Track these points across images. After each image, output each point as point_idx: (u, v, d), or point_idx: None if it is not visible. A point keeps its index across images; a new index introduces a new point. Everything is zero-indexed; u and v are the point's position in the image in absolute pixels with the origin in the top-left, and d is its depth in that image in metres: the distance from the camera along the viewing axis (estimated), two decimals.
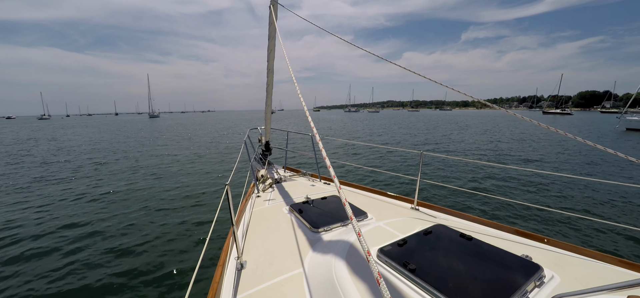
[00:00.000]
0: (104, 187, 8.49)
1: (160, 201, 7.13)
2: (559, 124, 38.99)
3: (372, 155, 13.57)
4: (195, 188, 8.22)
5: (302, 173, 4.78)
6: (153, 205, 6.80)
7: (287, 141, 5.21)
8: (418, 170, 3.19)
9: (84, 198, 7.37)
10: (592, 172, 10.02)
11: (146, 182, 8.98)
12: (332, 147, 16.38)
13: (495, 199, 6.51)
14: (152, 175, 10.02)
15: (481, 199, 6.76)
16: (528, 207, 6.09)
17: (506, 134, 23.78)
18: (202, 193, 7.68)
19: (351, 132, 27.61)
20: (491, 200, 6.62)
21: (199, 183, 8.77)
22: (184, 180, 9.19)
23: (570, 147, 15.58)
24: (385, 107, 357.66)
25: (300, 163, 11.64)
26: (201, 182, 8.92)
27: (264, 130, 5.13)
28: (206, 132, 30.07)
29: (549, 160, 12.26)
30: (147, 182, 8.97)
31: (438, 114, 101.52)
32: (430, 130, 28.85)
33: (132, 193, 7.77)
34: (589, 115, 78.83)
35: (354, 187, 3.91)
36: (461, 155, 13.95)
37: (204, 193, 7.68)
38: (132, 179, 9.41)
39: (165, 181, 9.07)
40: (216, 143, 19.72)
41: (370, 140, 21.26)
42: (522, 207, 6.17)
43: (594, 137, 21.53)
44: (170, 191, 7.98)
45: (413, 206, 3.13)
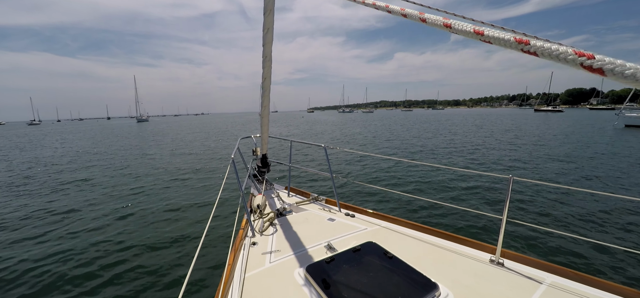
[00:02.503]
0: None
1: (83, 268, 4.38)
2: (552, 122, 38.93)
3: (407, 173, 9.49)
4: (161, 237, 5.33)
5: (314, 197, 3.57)
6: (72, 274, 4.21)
7: (291, 154, 3.91)
8: (504, 203, 2.05)
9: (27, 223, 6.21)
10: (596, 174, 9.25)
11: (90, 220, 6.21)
12: (348, 159, 12.28)
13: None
14: (100, 210, 6.87)
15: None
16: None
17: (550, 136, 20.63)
18: (170, 243, 5.10)
19: (352, 135, 26.57)
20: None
21: (171, 227, 5.78)
22: (148, 225, 5.95)
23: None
24: (378, 107, 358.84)
25: (305, 181, 8.80)
26: (174, 226, 5.84)
27: (259, 139, 3.85)
28: (195, 137, 26.67)
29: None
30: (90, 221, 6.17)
31: (434, 113, 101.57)
32: (447, 134, 25.86)
33: (65, 241, 5.29)
34: (579, 112, 79.81)
35: (393, 221, 2.83)
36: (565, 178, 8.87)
37: (172, 245, 5.02)
38: (65, 223, 6.16)
39: (111, 230, 5.72)
40: (203, 155, 15.42)
41: (378, 143, 18.27)
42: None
43: (595, 134, 21.11)
44: (117, 244, 5.09)
45: (494, 258, 2.10)
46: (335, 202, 3.29)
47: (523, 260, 2.09)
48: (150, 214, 6.53)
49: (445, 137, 21.39)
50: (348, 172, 10.02)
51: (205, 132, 34.07)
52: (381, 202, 6.78)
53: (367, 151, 14.58)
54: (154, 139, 26.01)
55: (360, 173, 9.81)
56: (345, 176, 9.10)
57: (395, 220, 2.82)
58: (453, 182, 8.31)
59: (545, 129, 27.36)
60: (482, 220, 5.49)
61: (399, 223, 2.78)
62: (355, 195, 7.33)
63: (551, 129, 27.68)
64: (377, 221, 2.85)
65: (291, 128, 36.20)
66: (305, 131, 29.89)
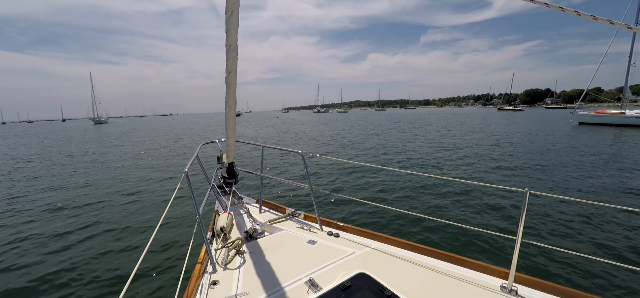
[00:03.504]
0: None
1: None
2: (514, 119, 41.73)
3: (398, 181, 8.20)
4: (82, 272, 4.07)
5: (290, 213, 3.00)
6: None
7: (262, 162, 3.33)
8: (519, 221, 1.70)
9: None
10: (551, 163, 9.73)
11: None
12: (329, 166, 10.42)
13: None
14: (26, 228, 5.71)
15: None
16: None
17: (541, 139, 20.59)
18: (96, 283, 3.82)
19: (331, 138, 26.26)
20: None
21: (99, 264, 4.32)
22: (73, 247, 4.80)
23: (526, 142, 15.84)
24: (353, 106, 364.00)
25: (281, 192, 7.44)
26: (102, 262, 4.38)
27: (225, 145, 3.16)
28: (157, 140, 23.65)
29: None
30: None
31: (407, 113, 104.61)
32: (435, 134, 27.14)
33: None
34: (536, 111, 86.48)
35: (386, 241, 2.40)
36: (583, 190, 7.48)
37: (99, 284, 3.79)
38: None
39: (31, 255, 4.62)
40: (163, 161, 13.17)
41: (361, 146, 16.73)
42: None
43: (551, 132, 22.67)
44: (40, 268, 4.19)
45: (506, 284, 1.80)
46: (315, 217, 2.81)
47: (540, 286, 1.78)
48: (66, 239, 5.15)
49: (429, 137, 21.75)
50: (330, 182, 8.63)
51: (173, 134, 31.98)
52: (369, 216, 5.84)
53: (351, 157, 13.31)
54: (107, 143, 23.43)
55: (344, 183, 8.38)
56: (326, 187, 8.11)
57: (389, 240, 2.40)
58: (453, 194, 7.09)
59: (511, 128, 28.94)
60: (490, 237, 4.67)
61: (393, 244, 2.36)
62: (339, 207, 6.29)
63: (515, 127, 29.40)
64: (366, 241, 2.42)
65: (267, 129, 35.09)
66: (281, 133, 28.98)
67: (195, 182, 8.44)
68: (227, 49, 2.31)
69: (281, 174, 9.96)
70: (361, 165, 9.32)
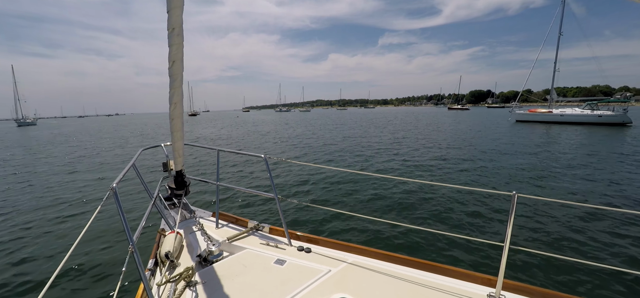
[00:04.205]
0: None
1: None
2: (463, 117, 45.71)
3: (373, 186, 7.55)
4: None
5: (254, 227, 2.64)
6: None
7: (218, 169, 2.82)
8: (506, 226, 1.64)
9: None
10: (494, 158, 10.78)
11: None
12: (297, 170, 9.48)
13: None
14: None
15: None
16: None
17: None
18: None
19: (297, 138, 25.77)
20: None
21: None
22: None
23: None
24: (315, 106, 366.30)
25: (242, 202, 6.54)
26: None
27: (171, 149, 2.65)
28: (93, 145, 19.44)
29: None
30: None
31: (367, 111, 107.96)
32: (401, 131, 28.29)
33: None
34: (480, 110, 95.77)
35: (364, 253, 2.19)
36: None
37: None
38: None
39: None
40: (97, 168, 10.94)
41: (328, 147, 15.85)
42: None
43: (490, 127, 25.13)
44: None
45: (494, 293, 1.74)
46: (283, 230, 2.48)
47: (529, 292, 1.74)
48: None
49: (396, 136, 22.43)
50: (298, 189, 7.72)
51: (119, 136, 28.84)
52: (344, 224, 5.26)
53: (320, 159, 12.31)
54: (30, 148, 19.57)
55: (314, 190, 7.55)
56: (294, 195, 7.29)
57: (367, 252, 2.19)
58: (433, 198, 6.67)
59: (462, 126, 31.34)
60: (477, 243, 4.40)
61: (372, 256, 2.16)
62: (309, 216, 5.64)
63: (466, 125, 32.00)
64: (342, 255, 2.19)
65: (227, 129, 33.34)
66: (243, 134, 27.76)
67: (138, 194, 7.26)
68: (169, 32, 1.91)
69: (241, 182, 8.81)
70: (332, 170, 8.49)
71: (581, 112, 29.46)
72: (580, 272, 3.79)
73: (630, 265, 3.97)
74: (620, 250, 4.36)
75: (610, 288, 3.50)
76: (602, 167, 9.80)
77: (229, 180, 8.97)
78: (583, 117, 28.80)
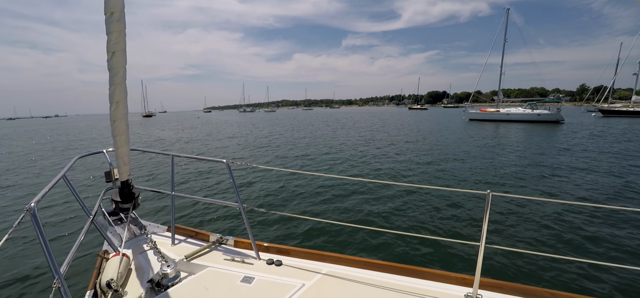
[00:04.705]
0: None
1: None
2: (423, 117, 48.48)
3: (344, 189, 7.30)
4: None
5: (216, 240, 2.36)
6: None
7: (173, 177, 2.45)
8: (481, 225, 1.63)
9: None
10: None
11: None
12: (262, 175, 8.91)
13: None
14: None
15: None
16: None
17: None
18: None
19: (265, 139, 25.00)
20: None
21: None
22: None
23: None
24: (280, 106, 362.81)
25: (201, 214, 5.96)
26: None
27: (114, 156, 2.29)
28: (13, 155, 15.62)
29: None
30: None
31: (333, 111, 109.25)
32: (369, 131, 28.37)
33: None
34: (437, 110, 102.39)
35: (338, 262, 2.08)
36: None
37: None
38: None
39: None
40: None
41: (296, 148, 15.46)
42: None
43: (449, 126, 26.97)
44: None
45: (471, 293, 1.73)
46: (249, 243, 2.25)
47: (506, 289, 1.76)
48: None
49: (362, 135, 22.75)
50: (265, 196, 7.15)
51: (60, 142, 25.57)
52: (316, 232, 4.96)
53: (288, 163, 11.54)
54: None
55: (283, 196, 7.07)
56: (260, 203, 6.76)
57: (342, 260, 2.09)
58: (408, 200, 6.49)
59: (423, 125, 33.04)
60: (453, 244, 4.40)
61: (347, 264, 2.06)
62: (278, 226, 5.26)
63: (427, 124, 33.84)
64: (316, 266, 2.05)
65: (188, 132, 31.23)
66: (205, 137, 26.30)
67: (76, 211, 6.12)
68: (107, 17, 1.61)
69: (201, 191, 7.90)
70: (303, 174, 8.34)
71: (523, 111, 32.90)
72: (553, 265, 3.92)
73: (599, 257, 4.15)
74: (589, 242, 4.57)
75: (581, 279, 3.67)
76: (544, 160, 10.89)
77: (187, 189, 8.08)
78: (525, 115, 32.18)
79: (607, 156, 11.60)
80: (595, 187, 7.47)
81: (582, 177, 8.53)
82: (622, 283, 3.54)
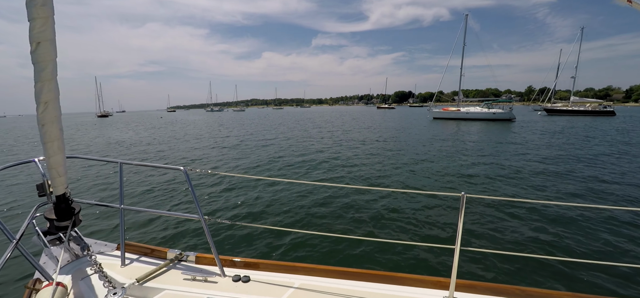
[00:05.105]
0: None
1: None
2: (392, 116, 50.33)
3: (316, 194, 6.98)
4: None
5: (175, 258, 2.13)
6: None
7: (122, 188, 2.16)
8: (457, 227, 1.65)
9: None
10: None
11: None
12: (235, 185, 7.97)
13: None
14: None
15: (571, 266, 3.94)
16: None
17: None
18: None
19: (237, 139, 24.08)
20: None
21: None
22: None
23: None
24: (250, 105, 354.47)
25: (156, 229, 5.32)
26: None
27: (46, 165, 1.89)
28: None
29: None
30: None
31: (304, 111, 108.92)
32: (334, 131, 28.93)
33: None
34: (404, 109, 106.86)
35: (312, 272, 2.00)
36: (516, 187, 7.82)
37: None
38: None
39: None
40: None
41: (264, 153, 14.21)
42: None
43: (416, 124, 28.34)
44: None
45: (448, 295, 1.77)
46: (212, 258, 2.04)
47: (481, 289, 1.79)
48: None
49: (335, 136, 22.80)
50: (229, 206, 6.47)
51: None
52: (287, 243, 4.62)
53: (252, 169, 10.60)
54: None
55: (249, 205, 6.45)
56: (224, 214, 6.14)
57: (315, 271, 1.97)
58: (383, 205, 6.32)
59: (392, 124, 34.21)
60: (429, 249, 4.39)
61: (320, 274, 1.95)
62: (244, 238, 4.84)
63: (394, 122, 35.11)
64: (288, 279, 1.94)
65: (149, 132, 28.93)
66: (169, 139, 24.81)
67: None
68: (28, 1, 1.41)
69: (157, 203, 6.94)
70: (271, 180, 7.77)
71: (481, 110, 35.59)
72: (528, 263, 4.03)
73: (569, 254, 4.31)
74: (559, 240, 4.74)
75: (554, 276, 3.81)
76: (503, 157, 11.85)
77: (141, 202, 7.13)
78: (483, 114, 34.82)
79: (556, 149, 12.98)
80: (553, 183, 8.06)
81: (539, 171, 9.43)
82: (589, 278, 3.74)
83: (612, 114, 42.02)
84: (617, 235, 4.83)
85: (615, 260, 4.17)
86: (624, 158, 11.21)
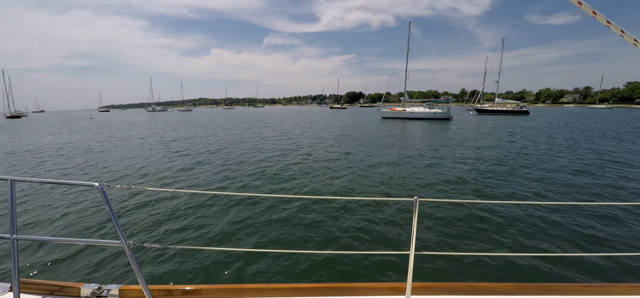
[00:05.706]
0: None
1: None
2: (344, 115, 52.01)
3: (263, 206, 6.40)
4: None
5: (92, 294, 1.73)
6: None
7: (14, 212, 1.51)
8: (410, 230, 1.67)
9: None
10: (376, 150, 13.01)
11: None
12: (166, 200, 6.85)
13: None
14: None
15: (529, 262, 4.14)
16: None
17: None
18: None
19: (188, 141, 22.08)
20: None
21: None
22: None
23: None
24: (197, 105, 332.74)
25: (63, 259, 4.42)
26: None
27: None
28: None
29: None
30: None
31: (257, 111, 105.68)
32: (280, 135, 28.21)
33: None
34: (355, 109, 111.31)
35: (259, 294, 1.84)
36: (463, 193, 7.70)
37: None
38: None
39: None
40: None
41: (209, 159, 13.76)
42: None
43: (370, 123, 29.75)
44: None
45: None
46: (140, 289, 1.70)
47: (434, 289, 1.83)
48: None
49: (290, 138, 22.36)
50: (159, 227, 5.53)
51: None
52: (232, 260, 4.24)
53: (187, 180, 9.03)
54: None
55: (185, 222, 5.69)
56: (153, 237, 5.23)
57: (265, 291, 1.80)
58: (336, 214, 6.00)
59: (345, 122, 35.18)
60: (385, 256, 4.34)
61: (272, 294, 1.80)
62: (178, 262, 4.29)
63: (345, 120, 36.21)
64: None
65: (78, 135, 24.52)
66: (100, 142, 21.85)
67: None
68: None
69: (68, 229, 5.63)
70: (208, 194, 6.94)
71: (424, 110, 38.90)
72: (479, 261, 4.20)
73: (513, 249, 4.52)
74: (511, 236, 4.99)
75: (501, 269, 4.04)
76: (446, 152, 12.99)
77: (41, 231, 5.63)
78: (425, 114, 38.09)
79: (489, 149, 14.71)
80: (496, 181, 8.71)
81: (479, 164, 10.56)
82: (531, 268, 4.03)
83: (526, 113, 50.00)
84: (553, 225, 5.43)
85: (546, 250, 4.64)
86: (546, 154, 13.26)
